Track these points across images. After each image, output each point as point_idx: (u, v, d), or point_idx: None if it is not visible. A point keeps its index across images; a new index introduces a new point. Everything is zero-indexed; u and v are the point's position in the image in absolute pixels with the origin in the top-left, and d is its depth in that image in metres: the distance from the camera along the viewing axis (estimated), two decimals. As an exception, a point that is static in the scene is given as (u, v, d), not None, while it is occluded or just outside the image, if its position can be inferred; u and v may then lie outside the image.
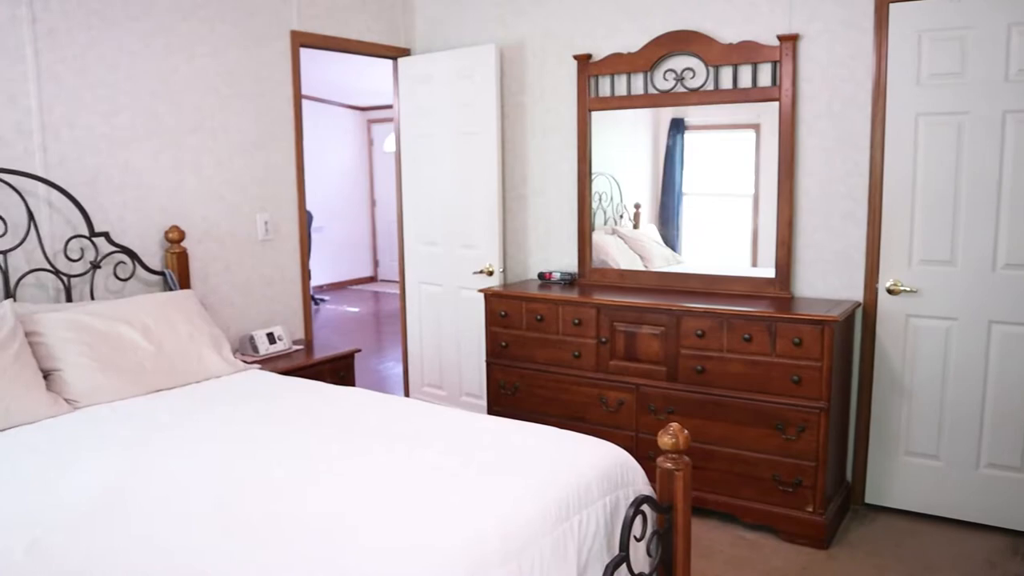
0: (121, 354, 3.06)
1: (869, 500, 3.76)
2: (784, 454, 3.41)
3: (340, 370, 4.00)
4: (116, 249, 3.52)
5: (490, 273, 4.53)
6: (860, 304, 3.66)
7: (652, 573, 2.28)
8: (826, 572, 3.22)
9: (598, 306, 3.84)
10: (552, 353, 3.99)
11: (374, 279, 11.86)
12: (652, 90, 4.08)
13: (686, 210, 4.18)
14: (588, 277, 4.35)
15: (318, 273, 9.87)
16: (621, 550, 2.09)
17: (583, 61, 4.25)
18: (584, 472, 2.21)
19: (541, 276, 4.46)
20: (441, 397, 4.83)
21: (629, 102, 4.15)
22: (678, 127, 4.11)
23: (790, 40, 3.65)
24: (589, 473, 2.21)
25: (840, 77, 3.62)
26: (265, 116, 4.19)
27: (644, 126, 4.25)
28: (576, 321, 3.89)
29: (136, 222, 3.65)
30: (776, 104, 3.73)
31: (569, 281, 4.33)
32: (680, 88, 3.98)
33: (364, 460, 2.31)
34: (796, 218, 3.78)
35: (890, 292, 3.59)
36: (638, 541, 2.20)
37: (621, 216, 4.37)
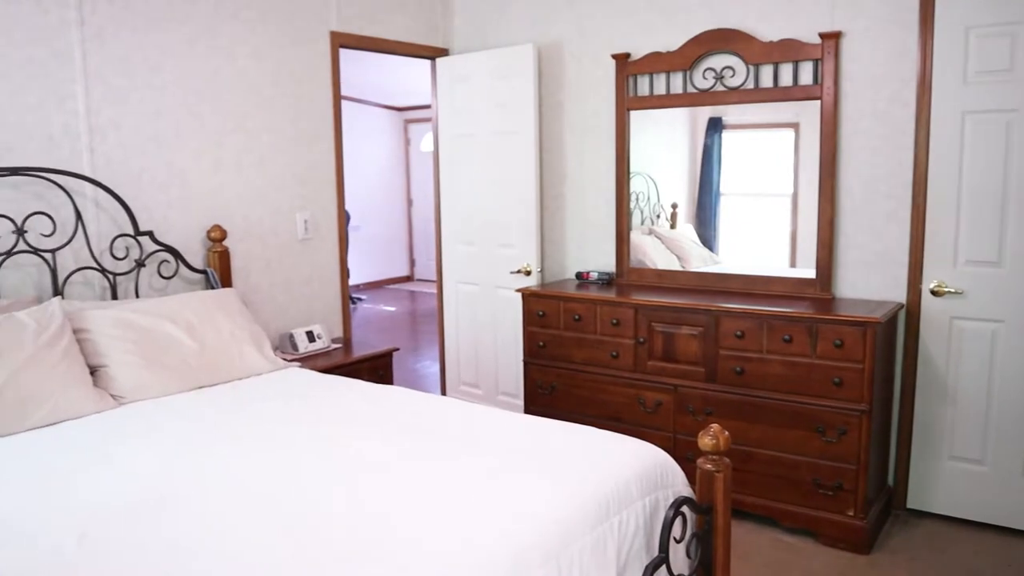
0: (165, 351, 3.11)
1: (911, 505, 3.70)
2: (824, 457, 3.37)
3: (378, 369, 4.03)
4: (160, 248, 3.58)
5: (527, 273, 4.54)
6: (903, 305, 3.61)
7: (691, 575, 2.26)
8: (867, 577, 3.18)
9: (636, 306, 3.83)
10: (590, 353, 3.98)
11: (410, 278, 11.93)
12: (691, 89, 4.05)
13: (723, 210, 4.15)
14: (626, 277, 4.34)
15: (355, 272, 9.95)
16: (661, 551, 2.08)
17: (621, 60, 4.24)
18: (624, 472, 2.20)
19: (578, 276, 4.45)
20: (478, 396, 4.84)
21: (668, 101, 4.13)
22: (716, 126, 4.08)
23: (832, 38, 3.60)
24: (629, 473, 2.21)
25: (884, 75, 3.57)
26: (305, 116, 4.24)
27: (681, 125, 4.23)
28: (614, 321, 3.88)
29: (179, 221, 3.71)
30: (818, 103, 3.69)
31: (607, 281, 4.32)
32: (719, 87, 3.95)
33: (405, 458, 2.32)
34: (838, 218, 3.73)
35: (934, 293, 3.53)
36: (678, 542, 2.19)
37: (658, 216, 4.35)
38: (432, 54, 4.92)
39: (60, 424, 2.71)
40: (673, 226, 4.34)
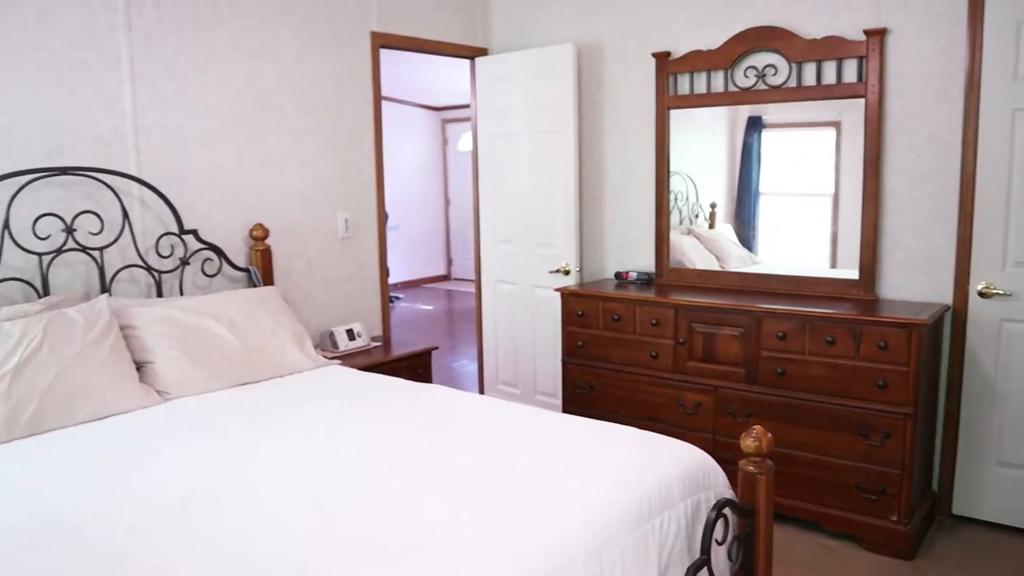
0: (209, 348, 3.16)
1: (957, 511, 3.63)
2: (867, 460, 3.32)
3: (417, 367, 4.05)
4: (204, 246, 3.64)
5: (566, 272, 4.53)
6: (949, 307, 3.54)
7: (733, 578, 2.25)
8: (912, 583, 3.13)
9: (676, 306, 3.80)
10: (629, 353, 3.97)
11: (447, 277, 11.97)
12: (732, 88, 4.01)
13: (763, 210, 4.11)
14: (665, 277, 4.31)
15: (392, 271, 9.99)
16: (702, 553, 2.07)
17: (662, 59, 4.21)
18: (665, 473, 2.19)
19: (618, 276, 4.44)
20: (515, 396, 4.84)
21: (709, 100, 4.10)
22: (755, 125, 4.04)
23: (877, 34, 3.55)
24: (670, 474, 2.19)
25: (930, 72, 3.50)
26: (346, 116, 4.27)
27: (720, 124, 4.19)
28: (654, 321, 3.86)
29: (223, 220, 3.76)
30: (862, 101, 3.63)
31: (646, 281, 4.29)
32: (761, 85, 3.91)
33: (446, 456, 2.33)
34: (882, 218, 3.67)
35: (982, 295, 3.46)
36: (719, 545, 2.17)
37: (697, 216, 4.32)
38: (471, 54, 4.93)
39: (108, 419, 2.76)
40: (712, 226, 4.30)
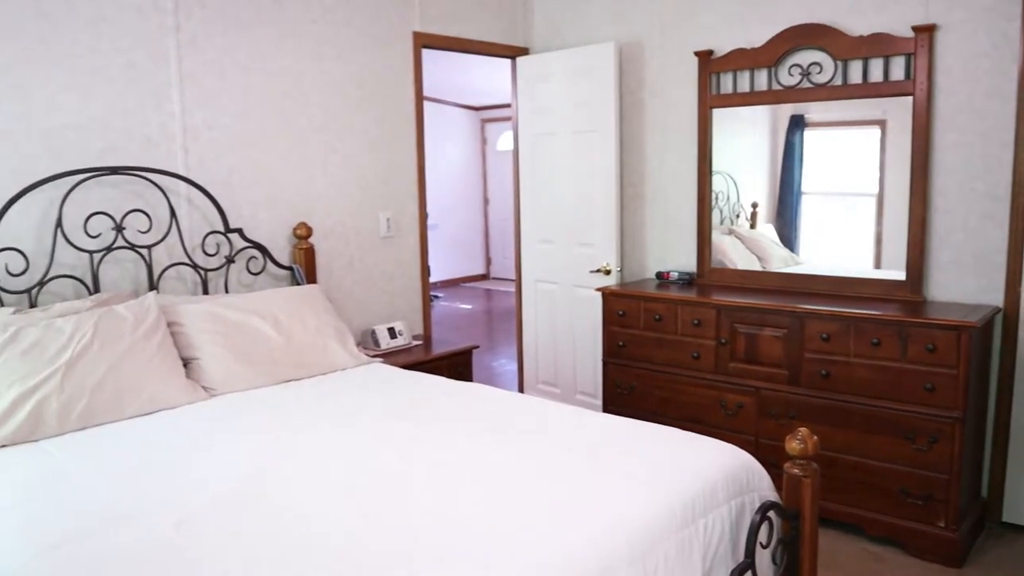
0: (254, 345, 3.20)
1: (1007, 519, 3.55)
2: (914, 465, 3.26)
3: (458, 366, 4.07)
4: (248, 245, 3.69)
5: (607, 272, 4.51)
6: (1000, 310, 3.46)
7: (777, 581, 2.23)
8: (960, 590, 3.07)
9: (718, 307, 3.77)
10: (670, 353, 3.94)
11: (486, 277, 12.00)
12: (776, 86, 3.97)
13: (805, 209, 4.06)
14: (707, 277, 4.28)
15: (432, 270, 10.01)
16: (747, 556, 2.05)
17: (704, 57, 4.18)
18: (709, 475, 2.17)
19: (659, 276, 4.41)
20: (555, 395, 4.84)
21: (752, 99, 4.06)
22: (798, 124, 3.99)
23: (926, 31, 3.48)
24: (715, 476, 2.18)
25: (982, 68, 3.43)
26: (388, 116, 4.30)
27: (762, 123, 4.15)
28: (695, 322, 3.83)
29: (267, 219, 3.81)
30: (909, 99, 3.57)
31: (687, 281, 4.27)
32: (806, 83, 3.86)
33: (488, 455, 2.33)
34: (930, 218, 3.60)
35: (1034, 297, 3.38)
36: (763, 548, 2.15)
37: (738, 215, 4.28)
38: (512, 53, 4.94)
39: (155, 414, 2.81)
40: (753, 226, 4.26)
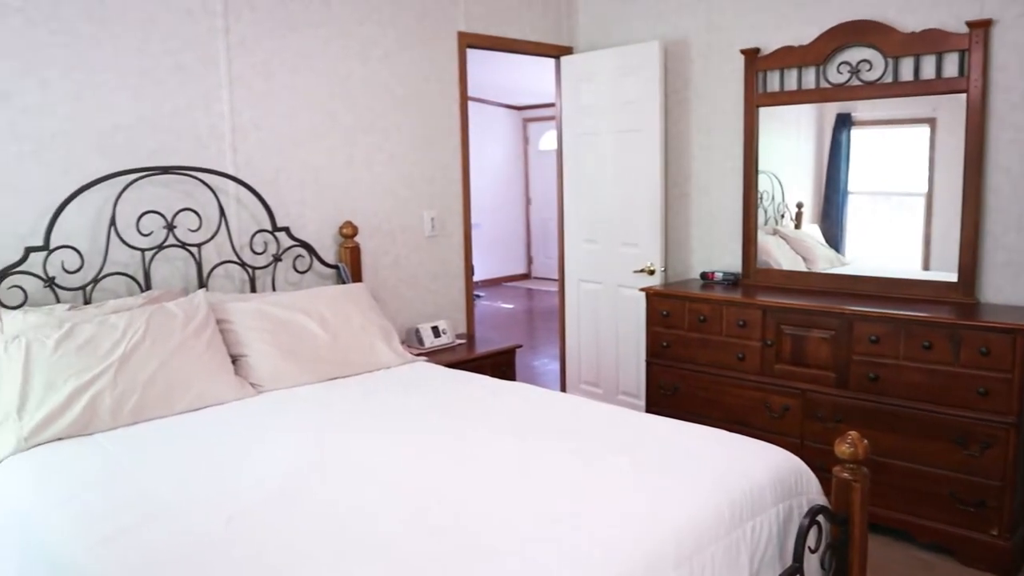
0: (301, 343, 3.24)
1: (1063, 525, 3.47)
2: (965, 471, 3.19)
3: (501, 365, 4.08)
4: (295, 243, 3.73)
5: (651, 272, 4.49)
6: (1057, 312, 3.38)
7: (825, 587, 2.20)
8: (1013, 599, 3.00)
9: (764, 308, 3.73)
10: (714, 355, 3.91)
11: (528, 276, 12.01)
12: (824, 84, 3.91)
13: (851, 209, 4.00)
14: (752, 278, 4.23)
15: (475, 269, 10.06)
16: (795, 561, 2.02)
17: (751, 56, 4.14)
18: (757, 477, 2.15)
19: (703, 276, 4.38)
20: (597, 395, 4.83)
21: (799, 97, 4.00)
22: (844, 123, 3.93)
23: (981, 26, 3.41)
24: (763, 479, 2.15)
25: (1039, 66, 3.35)
26: (433, 116, 4.32)
27: (807, 122, 4.10)
28: (741, 323, 3.79)
29: (313, 218, 3.86)
30: (963, 96, 3.49)
31: (732, 281, 4.23)
32: (855, 81, 3.80)
33: (536, 455, 2.33)
34: (983, 218, 3.52)
35: (1093, 300, 3.29)
36: (812, 553, 2.12)
37: (782, 215, 4.23)
38: (557, 52, 4.93)
39: (204, 409, 2.85)
40: (798, 226, 4.21)
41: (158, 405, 2.78)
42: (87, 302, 3.11)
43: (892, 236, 3.92)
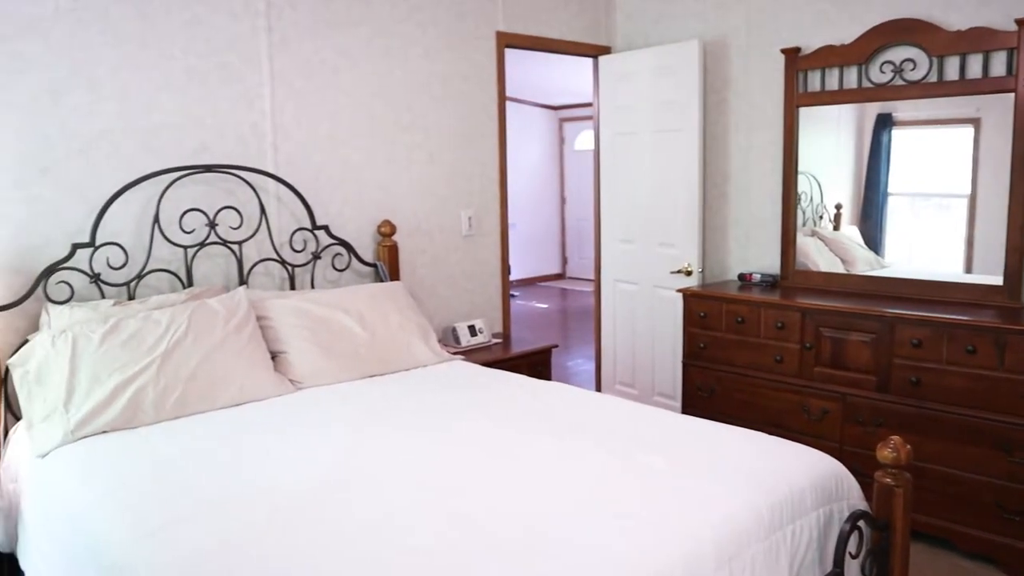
0: (339, 340, 3.26)
1: (1111, 535, 3.39)
2: (1010, 479, 3.13)
3: (537, 365, 4.08)
4: (334, 241, 3.76)
5: (688, 273, 4.46)
6: (1106, 317, 3.31)
7: (866, 593, 2.17)
8: (1059, 610, 2.94)
9: (803, 310, 3.69)
10: (752, 356, 3.88)
11: (562, 276, 11.99)
12: (866, 84, 3.86)
13: (891, 211, 3.94)
14: (791, 279, 4.19)
15: (512, 269, 10.07)
16: (835, 566, 2.00)
17: (791, 55, 4.09)
18: (798, 481, 2.13)
19: (741, 277, 4.34)
20: (633, 396, 4.81)
21: (841, 97, 3.95)
22: (885, 123, 3.88)
23: (1031, 26, 3.35)
24: (803, 482, 2.13)
25: (1090, 65, 3.28)
26: (471, 115, 4.34)
27: (847, 122, 4.05)
28: (779, 324, 3.76)
29: (352, 216, 3.89)
30: (1010, 96, 3.42)
31: (771, 283, 4.19)
32: (898, 81, 3.75)
33: (573, 454, 2.33)
34: (1031, 221, 3.46)
35: None
36: (853, 558, 2.10)
37: (821, 217, 4.18)
38: (595, 52, 4.92)
39: (245, 405, 2.89)
40: (837, 227, 4.16)
41: (200, 400, 2.82)
42: (131, 298, 3.17)
43: (933, 238, 3.86)
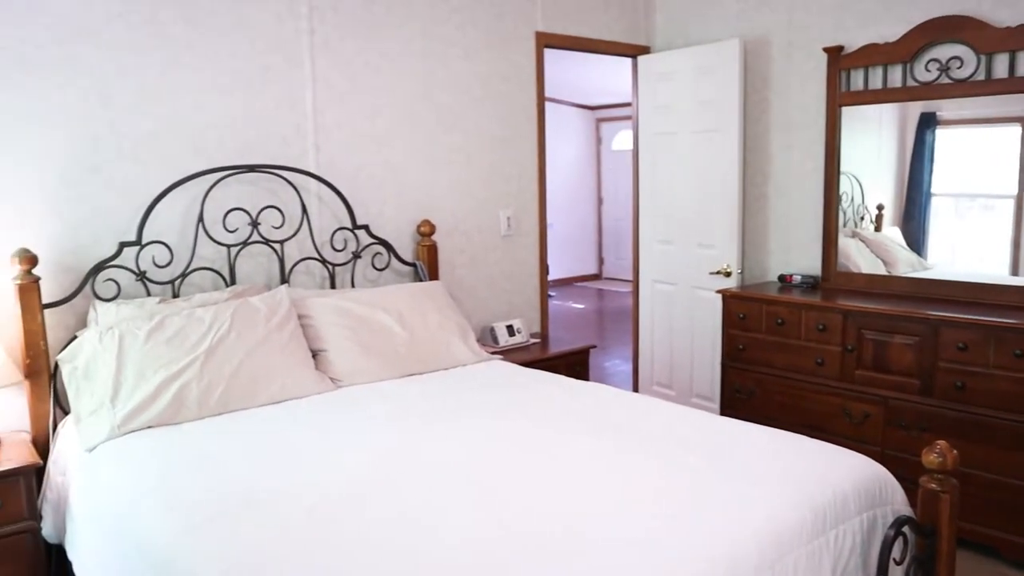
0: (379, 339, 3.29)
1: None
2: (1059, 485, 3.07)
3: (575, 365, 4.08)
4: (374, 241, 3.79)
5: (727, 274, 4.43)
6: None
7: (910, 600, 2.14)
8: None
9: (845, 312, 3.64)
10: (792, 359, 3.84)
11: (599, 276, 11.96)
12: (912, 82, 3.80)
13: (934, 212, 3.87)
14: (832, 281, 4.14)
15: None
16: (879, 572, 1.98)
17: (834, 53, 4.04)
18: (841, 485, 2.11)
19: (781, 278, 4.30)
20: (670, 397, 4.78)
21: (885, 96, 3.90)
22: (928, 122, 3.82)
23: (1083, 23, 3.27)
24: (846, 486, 2.11)
25: None
26: (511, 116, 4.35)
27: (889, 122, 3.99)
28: (820, 327, 3.72)
29: (392, 216, 3.91)
30: (1061, 95, 3.36)
31: (811, 284, 4.14)
32: (944, 79, 3.68)
33: (615, 456, 2.32)
34: (1082, 223, 3.39)
35: None
36: (897, 565, 2.07)
37: (862, 218, 4.13)
38: (634, 52, 4.91)
39: (286, 402, 2.93)
40: (878, 228, 4.10)
41: (242, 397, 2.86)
42: (175, 296, 3.22)
43: (978, 239, 3.80)
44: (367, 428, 2.63)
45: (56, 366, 2.89)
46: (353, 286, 3.73)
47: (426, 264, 3.90)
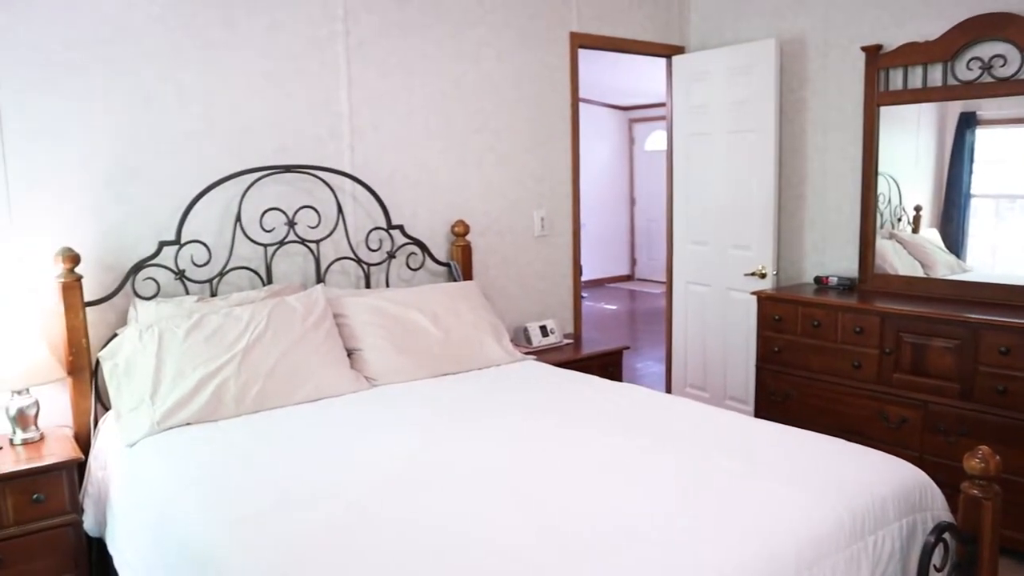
0: (414, 338, 3.31)
1: None
2: (1104, 492, 3.01)
3: (608, 366, 4.06)
4: (409, 241, 3.81)
5: (762, 276, 4.39)
6: None
7: (950, 607, 2.11)
8: None
9: (883, 314, 3.60)
10: (828, 361, 3.80)
11: (631, 277, 11.92)
12: (952, 81, 3.74)
13: (974, 213, 3.81)
14: (869, 283, 4.09)
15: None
16: (919, 578, 1.95)
17: (872, 53, 3.99)
18: (880, 490, 2.08)
19: (817, 280, 4.25)
20: (704, 399, 4.75)
21: (924, 95, 3.84)
22: (968, 122, 3.75)
23: None
24: (885, 491, 2.08)
25: None
26: (544, 116, 4.35)
27: (927, 121, 3.93)
28: (857, 329, 3.67)
29: (426, 216, 3.93)
30: (1109, 94, 3.29)
31: (848, 286, 4.09)
32: (986, 78, 3.62)
33: (650, 459, 2.31)
34: None
35: None
36: (937, 572, 2.04)
37: (899, 219, 4.07)
38: (668, 52, 4.88)
39: (321, 400, 2.96)
40: (916, 230, 4.04)
41: (279, 395, 2.89)
42: (213, 294, 3.26)
43: (1019, 242, 3.72)
44: (402, 427, 2.65)
45: (97, 363, 2.94)
46: (388, 286, 3.75)
47: (460, 264, 3.92)
